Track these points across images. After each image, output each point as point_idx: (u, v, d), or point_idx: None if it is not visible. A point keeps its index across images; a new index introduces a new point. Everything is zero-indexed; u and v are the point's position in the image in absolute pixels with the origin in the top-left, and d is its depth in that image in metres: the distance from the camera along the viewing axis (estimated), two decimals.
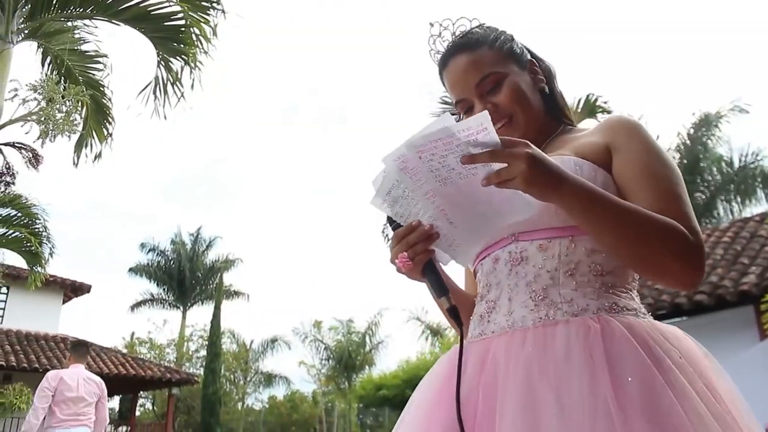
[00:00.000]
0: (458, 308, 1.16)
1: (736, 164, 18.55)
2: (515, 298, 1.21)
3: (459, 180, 1.10)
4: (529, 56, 1.44)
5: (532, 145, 1.07)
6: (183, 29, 6.10)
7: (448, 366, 1.23)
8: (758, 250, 10.36)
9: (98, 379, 6.55)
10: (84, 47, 6.80)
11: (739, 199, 18.37)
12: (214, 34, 6.10)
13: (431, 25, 1.43)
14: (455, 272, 1.43)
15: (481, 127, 1.03)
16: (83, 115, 6.66)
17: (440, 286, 1.19)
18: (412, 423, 1.22)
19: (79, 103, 5.76)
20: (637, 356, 1.04)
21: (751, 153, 18.32)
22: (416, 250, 1.18)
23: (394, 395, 20.45)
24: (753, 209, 17.60)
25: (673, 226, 1.10)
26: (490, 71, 1.35)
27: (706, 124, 18.95)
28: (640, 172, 1.20)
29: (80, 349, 6.66)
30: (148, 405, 34.10)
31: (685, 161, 19.01)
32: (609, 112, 9.29)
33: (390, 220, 1.22)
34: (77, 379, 6.29)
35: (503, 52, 1.38)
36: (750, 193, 18.03)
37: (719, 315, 9.34)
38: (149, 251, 34.04)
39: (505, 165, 1.05)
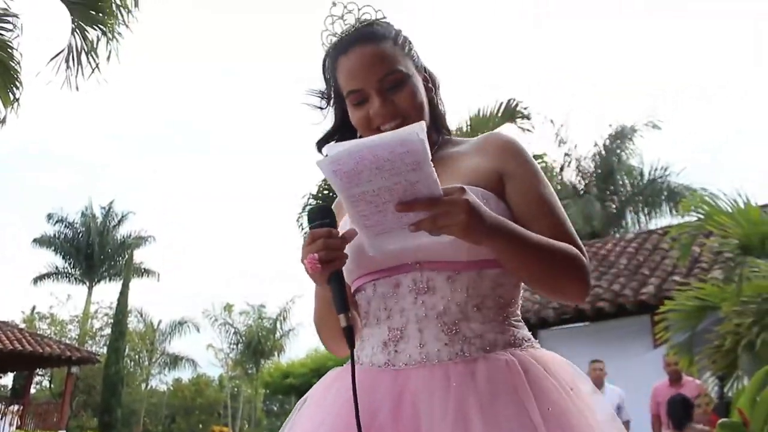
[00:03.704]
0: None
1: (646, 177, 19.42)
2: (426, 329, 1.20)
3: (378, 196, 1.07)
4: (421, 62, 1.41)
5: (468, 191, 1.09)
6: None
7: (343, 390, 1.20)
8: (659, 262, 10.86)
9: None
10: None
11: (646, 211, 19.26)
12: (136, 5, 5.84)
13: (334, 4, 1.36)
14: None
15: (423, 171, 1.03)
16: None
17: (343, 301, 1.13)
18: None
19: None
20: (550, 386, 1.14)
21: (660, 167, 19.26)
22: (329, 256, 1.11)
23: (301, 383, 20.41)
24: (658, 221, 18.52)
25: (574, 253, 1.22)
26: (396, 68, 1.30)
27: (622, 136, 19.75)
28: (535, 202, 1.27)
29: None
30: (45, 383, 32.77)
31: (599, 171, 19.76)
32: (528, 118, 9.49)
33: (312, 213, 1.15)
34: None
35: (405, 53, 1.35)
36: (656, 206, 18.92)
37: (619, 322, 9.74)
38: (57, 222, 32.65)
39: (439, 210, 1.06)
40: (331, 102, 1.42)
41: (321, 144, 1.45)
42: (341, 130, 1.41)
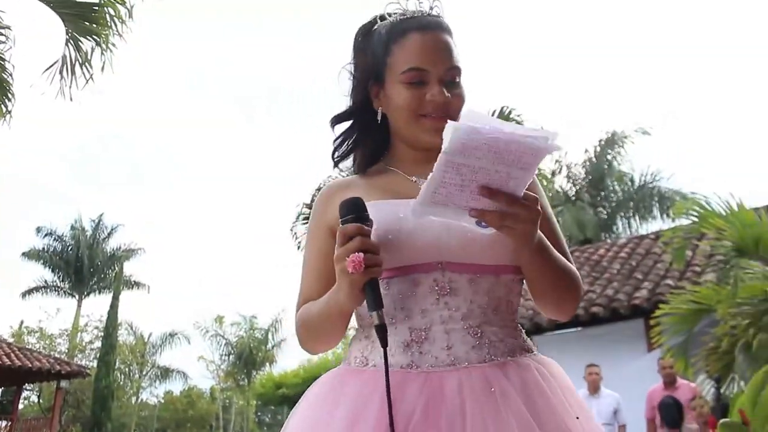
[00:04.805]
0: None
1: (637, 183, 19.59)
2: (453, 332, 1.18)
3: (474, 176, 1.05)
4: None
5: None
6: (96, 8, 5.81)
7: (366, 391, 1.15)
8: (651, 266, 10.91)
9: None
10: None
11: (637, 217, 19.40)
12: (130, 16, 5.84)
13: None
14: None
15: (527, 174, 1.05)
16: None
17: (378, 299, 1.09)
18: None
19: None
20: (571, 393, 1.22)
21: (650, 174, 19.45)
22: (375, 260, 1.08)
23: (294, 394, 20.39)
24: (649, 227, 18.66)
25: (576, 274, 1.27)
26: (459, 65, 1.30)
27: (612, 143, 19.89)
28: (545, 222, 1.26)
29: None
30: (34, 398, 32.44)
31: (590, 177, 19.88)
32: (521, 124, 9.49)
33: (344, 207, 1.11)
34: None
35: (459, 53, 1.34)
36: (647, 211, 19.06)
37: (613, 326, 9.77)
38: (46, 235, 32.46)
39: (513, 211, 1.07)
40: (361, 76, 1.36)
41: (335, 121, 1.39)
42: (360, 111, 1.37)
